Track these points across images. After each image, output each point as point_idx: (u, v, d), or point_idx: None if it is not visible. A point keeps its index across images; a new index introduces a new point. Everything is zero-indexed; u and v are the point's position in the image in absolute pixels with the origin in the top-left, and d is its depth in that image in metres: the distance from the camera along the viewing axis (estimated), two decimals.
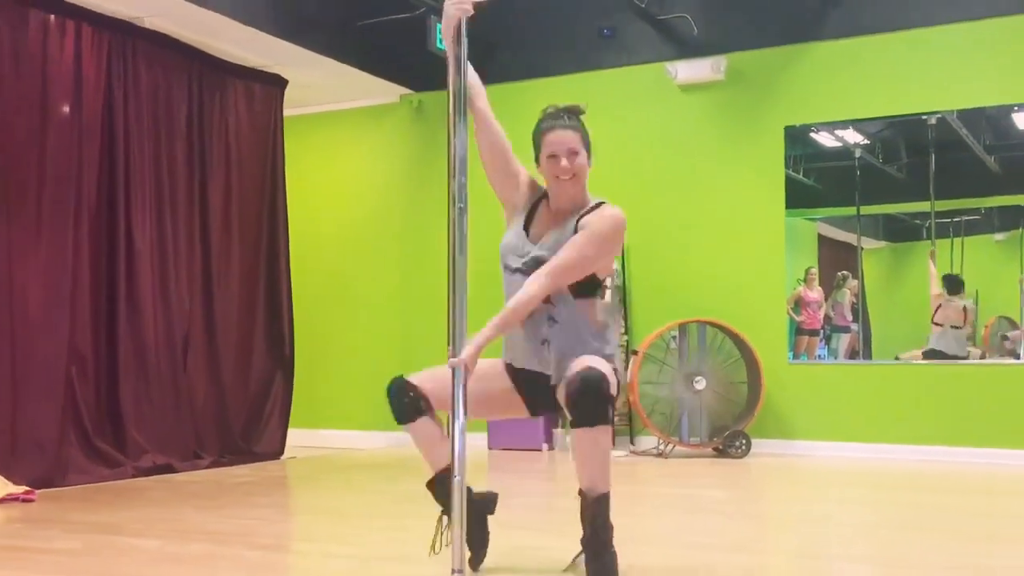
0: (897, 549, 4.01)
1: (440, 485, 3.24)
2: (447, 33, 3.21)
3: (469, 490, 3.18)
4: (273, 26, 7.19)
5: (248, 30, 7.02)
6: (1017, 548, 4.08)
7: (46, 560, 3.89)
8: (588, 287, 3.17)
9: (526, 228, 3.29)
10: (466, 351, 2.98)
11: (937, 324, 7.56)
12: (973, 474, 6.46)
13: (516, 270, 3.20)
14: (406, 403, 3.19)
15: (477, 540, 3.39)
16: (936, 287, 7.63)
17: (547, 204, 3.31)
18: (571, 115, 3.24)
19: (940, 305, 7.59)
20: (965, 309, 7.53)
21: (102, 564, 3.80)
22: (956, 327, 7.54)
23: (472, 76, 3.26)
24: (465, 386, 3.00)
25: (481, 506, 3.41)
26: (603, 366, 2.99)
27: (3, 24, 5.98)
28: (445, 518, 3.24)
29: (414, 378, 3.23)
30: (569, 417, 3.00)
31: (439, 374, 3.14)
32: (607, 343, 3.20)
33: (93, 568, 3.73)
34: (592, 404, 2.91)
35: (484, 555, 3.41)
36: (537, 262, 3.15)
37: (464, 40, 3.20)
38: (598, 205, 3.23)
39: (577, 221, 3.17)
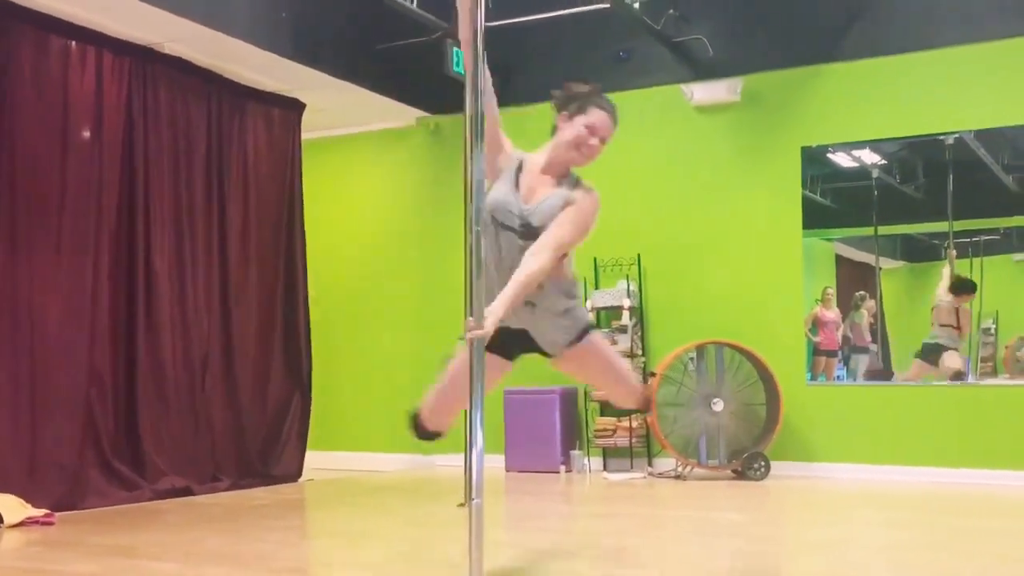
0: (918, 572, 3.98)
1: None
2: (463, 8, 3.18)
3: None
4: (291, 51, 7.25)
5: (266, 55, 7.08)
6: None
7: None
8: None
9: (516, 185, 3.39)
10: (489, 322, 3.08)
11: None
12: (995, 496, 6.41)
13: (508, 228, 3.32)
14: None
15: None
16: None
17: (531, 163, 3.43)
18: (605, 98, 3.41)
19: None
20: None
21: None
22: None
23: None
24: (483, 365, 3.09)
25: None
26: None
27: (25, 50, 6.06)
28: None
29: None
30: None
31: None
32: (573, 297, 3.44)
33: None
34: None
35: None
36: (528, 227, 3.29)
37: (483, 59, 3.19)
38: (578, 180, 3.40)
39: (564, 192, 3.33)
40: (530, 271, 3.20)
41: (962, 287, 7.55)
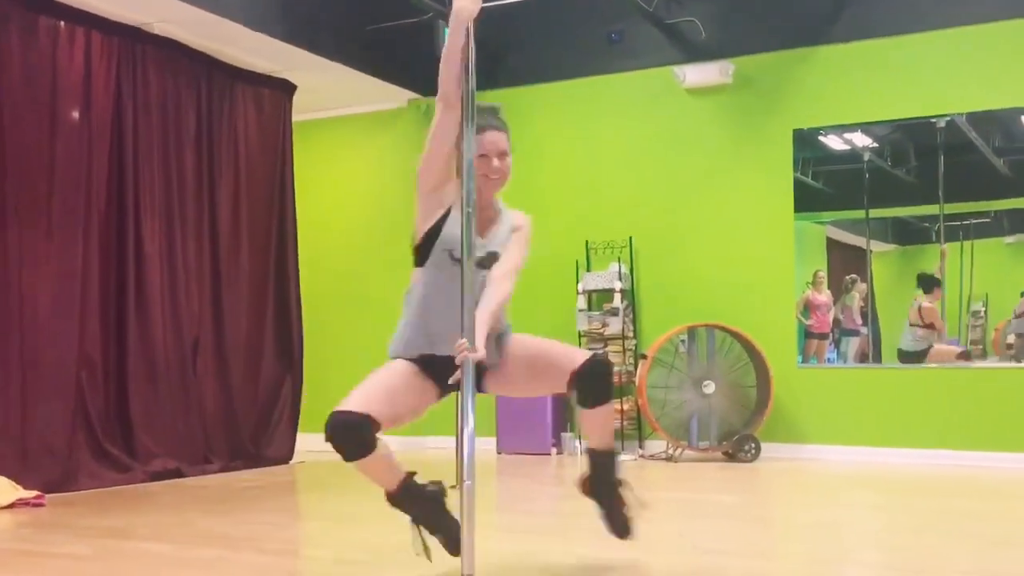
0: (908, 554, 4.00)
1: (406, 492, 3.37)
2: (456, 28, 3.08)
3: (419, 485, 3.40)
4: (282, 31, 7.21)
5: (257, 35, 7.04)
6: None
7: (55, 565, 3.90)
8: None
9: None
10: (480, 342, 3.08)
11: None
12: (984, 478, 6.44)
13: (460, 261, 3.23)
14: (358, 442, 3.30)
15: (445, 528, 3.38)
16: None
17: None
18: (497, 115, 3.35)
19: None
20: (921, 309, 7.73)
21: (111, 569, 3.81)
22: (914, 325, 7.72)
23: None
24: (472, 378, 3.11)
25: (436, 495, 3.46)
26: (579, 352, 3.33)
27: (13, 31, 6.01)
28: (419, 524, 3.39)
29: (358, 406, 3.29)
30: (579, 396, 3.27)
31: (377, 391, 3.36)
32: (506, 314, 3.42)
33: (102, 573, 3.74)
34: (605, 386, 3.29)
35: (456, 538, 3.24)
36: (493, 256, 3.35)
37: (471, 45, 3.17)
38: (506, 209, 3.46)
39: (509, 219, 3.44)
40: (504, 294, 3.28)
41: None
